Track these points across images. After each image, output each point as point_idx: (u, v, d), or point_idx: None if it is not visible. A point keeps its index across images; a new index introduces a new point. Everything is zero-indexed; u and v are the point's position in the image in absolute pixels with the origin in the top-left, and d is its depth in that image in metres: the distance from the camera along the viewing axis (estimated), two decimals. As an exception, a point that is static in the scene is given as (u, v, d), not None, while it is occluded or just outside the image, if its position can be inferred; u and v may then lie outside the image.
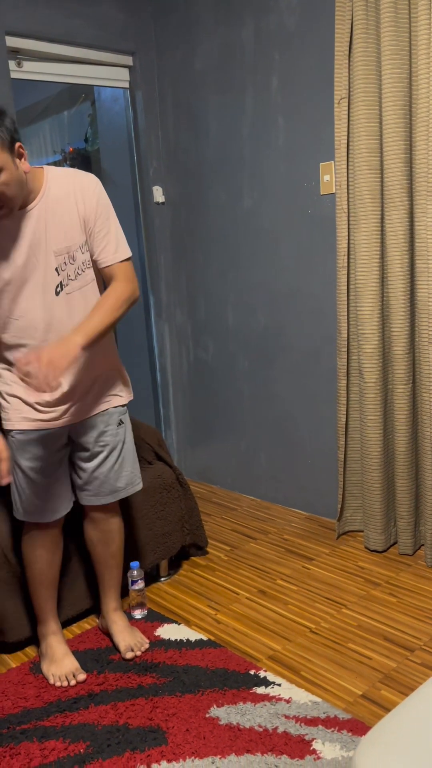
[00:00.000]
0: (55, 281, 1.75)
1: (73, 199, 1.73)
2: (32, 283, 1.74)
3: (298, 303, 2.87)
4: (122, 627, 2.09)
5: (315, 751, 1.62)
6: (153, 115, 3.28)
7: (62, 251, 1.74)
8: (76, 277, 1.78)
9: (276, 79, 2.74)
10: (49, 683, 1.93)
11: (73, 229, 1.74)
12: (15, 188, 1.61)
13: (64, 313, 1.78)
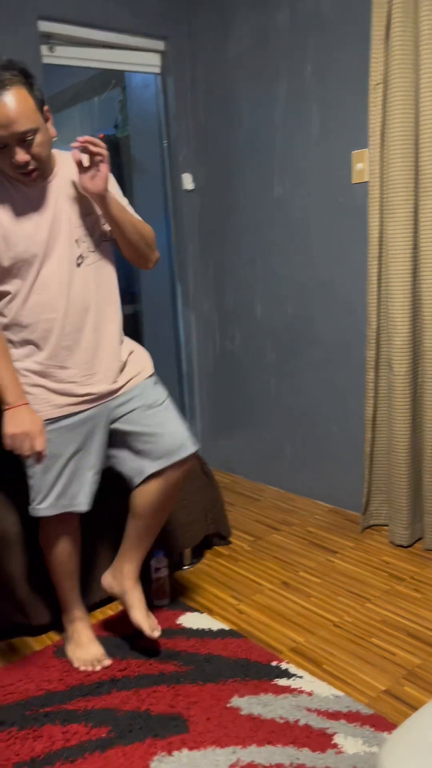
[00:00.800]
0: (75, 253, 1.76)
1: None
2: (55, 255, 1.74)
3: (328, 293, 2.83)
4: (142, 604, 1.96)
5: (337, 745, 1.61)
6: (184, 101, 3.25)
7: (82, 223, 1.77)
8: (95, 249, 1.80)
9: (310, 65, 2.69)
10: (74, 667, 1.95)
11: (90, 202, 1.78)
12: (47, 150, 1.66)
13: (84, 285, 1.78)
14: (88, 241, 1.79)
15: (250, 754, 1.60)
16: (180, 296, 3.48)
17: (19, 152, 1.59)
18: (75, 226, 1.76)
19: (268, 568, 2.50)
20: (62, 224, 1.74)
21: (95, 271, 1.82)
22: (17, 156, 1.59)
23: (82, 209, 1.77)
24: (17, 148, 1.59)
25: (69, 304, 1.77)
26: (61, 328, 1.77)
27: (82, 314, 1.80)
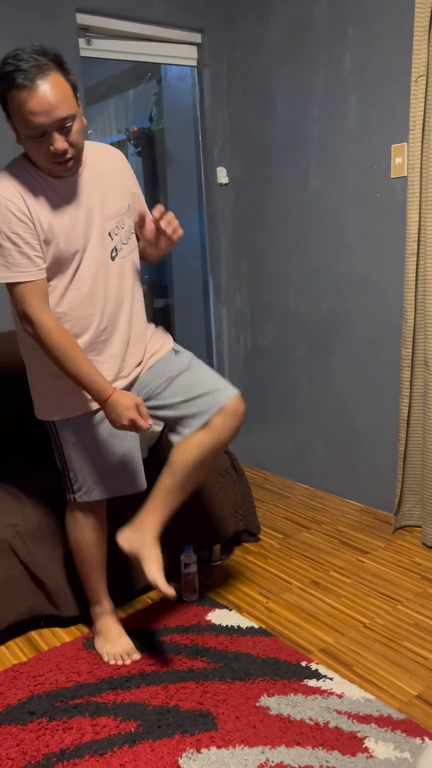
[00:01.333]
0: (110, 246, 1.76)
1: (116, 167, 1.81)
2: (91, 250, 1.73)
3: (363, 290, 2.79)
4: (159, 561, 1.83)
5: (367, 749, 1.59)
6: (220, 93, 3.22)
7: (114, 215, 1.76)
8: (127, 242, 1.80)
9: (349, 56, 2.64)
10: (103, 661, 1.95)
11: (120, 194, 1.79)
12: (82, 138, 1.64)
13: (119, 278, 1.79)
14: (120, 233, 1.78)
15: (279, 754, 1.58)
16: (212, 290, 3.47)
17: (59, 139, 1.57)
18: (107, 218, 1.75)
19: (297, 566, 2.48)
20: (95, 217, 1.73)
21: (130, 263, 1.82)
22: (57, 143, 1.56)
23: (112, 202, 1.76)
24: (56, 134, 1.56)
25: (106, 299, 1.77)
26: (98, 323, 1.77)
27: (118, 307, 1.80)
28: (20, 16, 2.57)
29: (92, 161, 1.76)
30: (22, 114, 1.53)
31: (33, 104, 1.51)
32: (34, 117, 1.52)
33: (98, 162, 1.77)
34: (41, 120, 1.53)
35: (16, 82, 1.50)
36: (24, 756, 1.61)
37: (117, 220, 1.77)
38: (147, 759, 1.59)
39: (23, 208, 1.62)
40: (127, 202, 1.81)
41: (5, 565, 1.99)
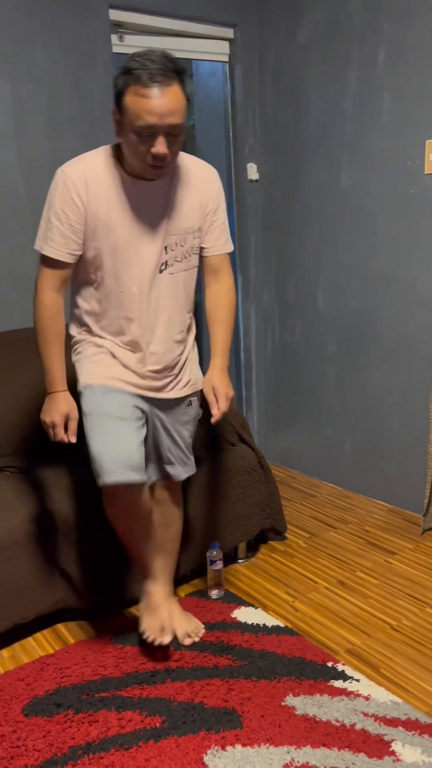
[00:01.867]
0: (161, 259, 1.75)
1: (198, 186, 1.79)
2: (142, 255, 1.73)
3: (394, 287, 2.75)
4: (177, 613, 2.03)
5: (394, 752, 1.57)
6: (251, 89, 3.20)
7: (178, 231, 1.76)
8: (182, 260, 1.79)
9: (383, 52, 2.60)
10: (144, 637, 1.90)
11: (192, 214, 1.78)
12: (179, 151, 1.67)
13: (167, 292, 1.78)
14: (177, 250, 1.77)
15: (305, 755, 1.57)
16: (240, 287, 3.45)
17: (162, 144, 1.58)
18: (170, 233, 1.75)
19: (323, 566, 2.47)
20: (157, 227, 1.73)
21: (182, 281, 1.81)
22: (159, 147, 1.57)
23: (181, 219, 1.76)
24: (162, 138, 1.57)
25: (146, 307, 1.77)
26: (136, 328, 1.78)
27: (155, 319, 1.79)
28: (54, 12, 2.58)
29: (181, 173, 1.76)
30: (137, 110, 1.55)
31: (151, 104, 1.53)
32: (149, 116, 1.54)
33: (186, 175, 1.77)
34: (154, 121, 1.55)
35: (141, 79, 1.53)
36: (50, 747, 1.63)
37: (179, 238, 1.76)
38: (172, 754, 1.59)
39: (82, 194, 1.65)
40: (199, 224, 1.79)
41: (33, 559, 2.01)
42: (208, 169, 1.84)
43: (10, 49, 2.52)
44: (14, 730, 1.69)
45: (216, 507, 2.37)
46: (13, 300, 2.66)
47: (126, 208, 1.70)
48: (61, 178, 1.67)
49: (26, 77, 2.57)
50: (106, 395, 1.77)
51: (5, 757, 1.60)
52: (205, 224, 1.83)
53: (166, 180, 1.73)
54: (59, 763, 1.58)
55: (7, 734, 1.68)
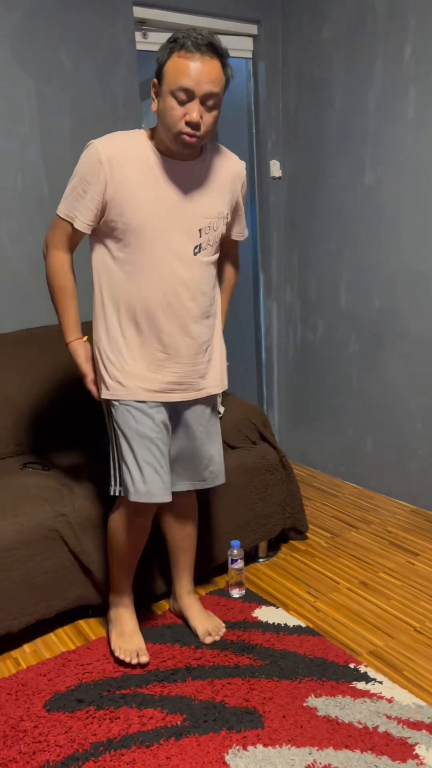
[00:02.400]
0: (195, 241, 1.76)
1: (233, 176, 1.82)
2: (174, 236, 1.72)
3: (418, 286, 2.72)
4: (198, 611, 2.06)
5: (418, 756, 1.55)
6: (274, 86, 3.19)
7: (210, 215, 1.77)
8: (213, 244, 1.80)
9: (409, 47, 2.57)
10: (114, 655, 1.93)
11: (223, 201, 1.80)
12: (213, 130, 1.67)
13: (197, 275, 1.78)
14: (210, 234, 1.78)
15: (327, 756, 1.56)
16: (262, 285, 3.44)
17: (197, 110, 1.59)
18: (204, 216, 1.75)
19: (345, 566, 2.45)
20: (189, 209, 1.73)
21: (210, 265, 1.82)
22: (194, 113, 1.58)
23: (213, 203, 1.77)
24: (198, 104, 1.59)
25: (186, 288, 1.76)
26: (160, 308, 1.75)
27: (189, 301, 1.78)
28: (78, 11, 2.59)
29: (213, 159, 1.78)
30: (178, 71, 1.57)
31: (192, 66, 1.56)
32: (188, 78, 1.56)
33: (218, 162, 1.79)
34: (192, 83, 1.57)
35: (186, 45, 1.57)
36: (72, 744, 1.63)
37: (212, 221, 1.77)
38: (193, 753, 1.59)
39: (106, 168, 1.67)
40: (228, 210, 1.82)
41: (56, 555, 2.02)
42: (238, 160, 1.86)
43: (35, 49, 2.53)
44: (36, 726, 1.70)
45: (237, 506, 2.36)
46: (38, 299, 2.68)
47: (155, 186, 1.70)
48: (91, 151, 1.69)
49: (51, 76, 2.58)
50: (140, 414, 1.79)
51: (27, 753, 1.61)
52: (233, 213, 1.87)
53: (199, 162, 1.74)
54: (81, 759, 1.58)
55: (29, 729, 1.69)
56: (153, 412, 1.80)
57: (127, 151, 1.69)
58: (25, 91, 2.54)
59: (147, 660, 1.91)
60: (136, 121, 2.84)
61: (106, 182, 1.68)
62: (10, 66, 2.49)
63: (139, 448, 1.79)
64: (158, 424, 1.81)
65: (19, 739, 1.66)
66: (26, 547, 1.96)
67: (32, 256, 2.65)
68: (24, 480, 2.18)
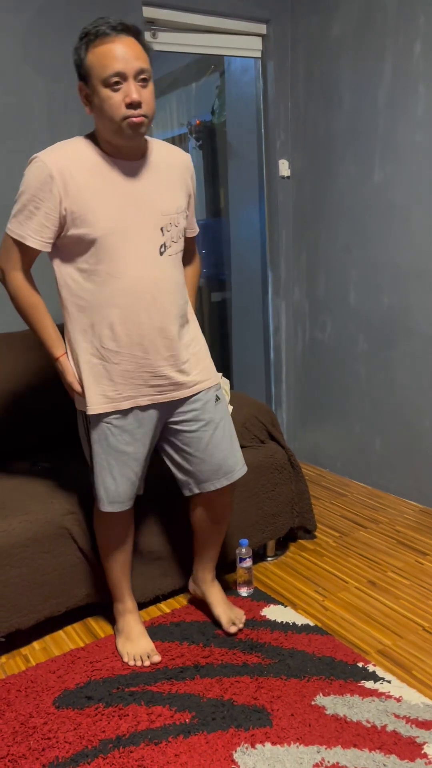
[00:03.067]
0: (159, 240, 1.73)
1: (182, 168, 1.81)
2: (136, 239, 1.69)
3: (427, 283, 2.71)
4: (221, 599, 2.09)
5: (427, 755, 1.55)
6: (283, 85, 3.18)
7: (170, 212, 1.75)
8: (177, 241, 1.79)
9: (419, 44, 2.56)
10: (123, 661, 1.93)
11: (180, 195, 1.79)
12: (154, 107, 1.65)
13: (166, 274, 1.75)
14: (172, 230, 1.76)
15: (335, 755, 1.56)
16: (271, 284, 3.44)
17: (135, 89, 1.57)
18: (163, 213, 1.73)
19: (354, 565, 2.44)
20: (148, 208, 1.71)
21: (176, 262, 1.80)
22: (133, 93, 1.57)
23: (171, 199, 1.75)
24: (133, 83, 1.57)
25: (157, 291, 1.73)
26: (136, 314, 1.72)
27: (163, 303, 1.74)
28: (88, 10, 2.60)
29: (158, 155, 1.76)
30: (103, 60, 1.56)
31: (115, 49, 1.56)
32: (115, 62, 1.56)
33: (164, 157, 1.78)
34: (121, 65, 1.56)
35: (100, 32, 1.57)
36: (81, 740, 1.64)
37: (172, 218, 1.75)
38: (202, 750, 1.59)
39: (58, 182, 1.62)
40: (185, 203, 1.80)
41: (65, 552, 2.03)
42: (183, 152, 1.85)
43: (45, 48, 2.54)
44: (45, 722, 1.71)
45: (245, 504, 2.36)
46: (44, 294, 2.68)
47: (112, 190, 1.66)
48: (37, 165, 1.63)
49: (61, 75, 2.59)
50: (117, 431, 1.79)
51: (37, 749, 1.62)
52: (187, 207, 1.83)
53: (146, 160, 1.72)
54: (90, 755, 1.59)
55: (38, 726, 1.70)
56: (133, 425, 1.80)
57: (75, 160, 1.65)
58: (35, 90, 2.55)
59: (159, 659, 1.92)
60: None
61: (60, 196, 1.63)
62: (21, 65, 2.50)
63: (118, 463, 1.83)
64: (136, 438, 1.82)
65: (28, 735, 1.67)
66: (36, 544, 1.97)
67: (42, 256, 2.66)
68: (33, 479, 2.19)
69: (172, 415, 1.87)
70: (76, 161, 1.65)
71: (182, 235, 1.81)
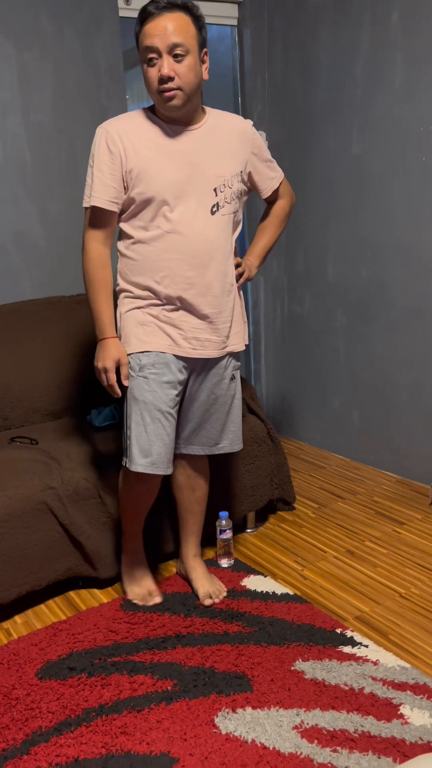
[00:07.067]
0: (212, 201, 1.79)
1: (237, 134, 1.85)
2: (191, 198, 1.76)
3: (405, 257, 2.72)
4: (201, 573, 2.13)
5: (402, 715, 1.59)
6: (260, 55, 3.14)
7: (223, 174, 1.79)
8: (231, 202, 1.83)
9: (397, 13, 2.54)
10: (127, 597, 2.06)
11: (237, 158, 1.83)
12: (194, 80, 1.69)
13: (217, 233, 1.80)
14: (225, 191, 1.81)
15: (314, 717, 1.60)
16: (249, 258, 3.42)
17: (166, 64, 1.64)
18: (217, 175, 1.78)
19: (332, 535, 2.48)
20: (201, 171, 1.76)
21: (229, 223, 1.84)
22: (164, 68, 1.64)
23: (223, 162, 1.80)
24: (166, 58, 1.64)
25: (201, 247, 1.78)
26: (185, 272, 1.78)
27: (210, 260, 1.80)
28: (59, -26, 2.52)
29: (217, 121, 1.82)
30: (144, 38, 1.65)
31: (152, 27, 1.64)
32: (149, 38, 1.64)
33: (220, 124, 1.83)
34: (155, 42, 1.63)
35: (147, 11, 1.65)
36: (64, 710, 1.66)
37: (225, 179, 1.80)
38: (183, 716, 1.62)
39: (118, 142, 1.72)
40: (240, 168, 1.84)
41: (45, 527, 2.03)
42: (242, 119, 1.90)
43: (16, 15, 2.47)
44: (28, 693, 1.72)
45: (225, 477, 2.38)
46: (22, 270, 2.65)
47: (168, 153, 1.74)
48: (100, 132, 1.75)
49: (32, 43, 2.52)
50: (156, 384, 1.83)
51: (20, 719, 1.64)
52: (246, 169, 1.88)
53: (203, 125, 1.79)
54: (73, 724, 1.61)
55: (21, 697, 1.71)
56: (170, 376, 1.84)
57: (134, 126, 1.75)
58: (5, 57, 2.49)
59: (160, 600, 2.05)
60: (120, 90, 2.79)
61: (120, 156, 1.72)
62: (-10, 32, 2.43)
63: (152, 420, 1.85)
64: (172, 396, 1.86)
65: (11, 706, 1.68)
66: (15, 519, 1.97)
67: (15, 228, 2.61)
68: (12, 454, 2.18)
69: (199, 373, 1.91)
70: (134, 127, 1.75)
71: (237, 196, 1.85)
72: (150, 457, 1.86)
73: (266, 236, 2.04)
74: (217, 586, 2.11)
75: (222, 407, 1.98)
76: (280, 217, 2.05)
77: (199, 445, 2.02)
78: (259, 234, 2.05)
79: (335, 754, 1.49)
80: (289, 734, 1.55)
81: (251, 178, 1.92)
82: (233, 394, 2.00)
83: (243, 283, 1.94)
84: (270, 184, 1.97)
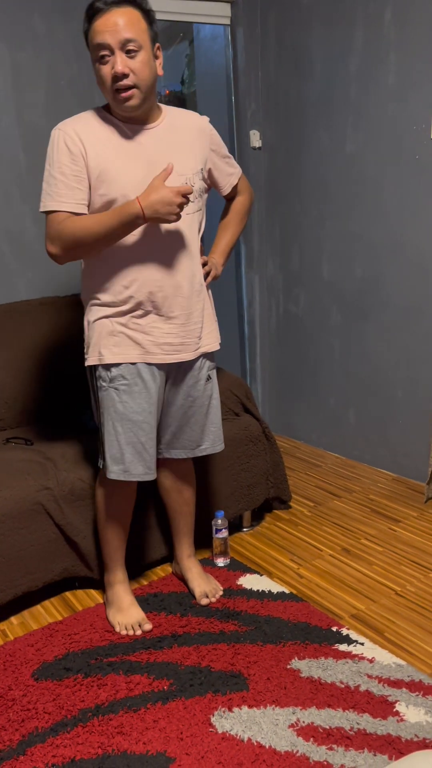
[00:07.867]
0: None
1: (195, 131, 1.82)
2: None
3: (400, 256, 2.72)
4: (197, 573, 2.13)
5: (398, 713, 1.60)
6: (254, 53, 3.14)
7: (185, 172, 1.76)
8: (194, 200, 1.80)
9: (390, 11, 2.54)
10: (115, 631, 1.95)
11: (196, 156, 1.80)
12: (149, 77, 1.66)
13: (183, 232, 1.78)
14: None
15: (310, 715, 1.60)
16: (244, 257, 3.42)
17: (120, 61, 1.60)
18: (178, 174, 1.75)
19: (328, 533, 2.48)
20: (159, 171, 1.71)
21: (193, 222, 1.82)
22: (117, 65, 1.60)
23: (187, 159, 1.77)
24: (119, 55, 1.60)
25: (165, 248, 1.76)
26: (156, 272, 1.75)
27: (178, 260, 1.78)
28: (51, -26, 2.52)
29: (174, 119, 1.79)
30: (92, 34, 1.61)
31: (101, 23, 1.59)
32: (100, 35, 1.60)
33: (177, 121, 1.80)
34: (106, 38, 1.59)
35: (95, 7, 1.61)
36: (60, 710, 1.66)
37: (187, 177, 1.77)
38: (180, 716, 1.62)
39: (78, 143, 1.67)
40: (200, 165, 1.82)
41: (41, 528, 2.03)
42: (199, 116, 1.88)
43: (9, 15, 2.46)
44: (25, 694, 1.72)
45: (221, 476, 2.38)
46: (16, 269, 2.65)
47: (128, 153, 1.71)
48: (57, 134, 1.70)
49: (25, 43, 2.52)
50: (127, 395, 1.81)
51: (16, 720, 1.64)
52: (206, 166, 1.85)
53: (161, 123, 1.76)
54: (69, 725, 1.61)
55: (17, 698, 1.71)
56: (141, 385, 1.81)
57: (90, 126, 1.71)
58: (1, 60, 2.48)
59: (150, 628, 1.96)
60: (113, 90, 2.78)
61: (82, 154, 1.68)
62: (-18, 32, 2.43)
63: (124, 429, 1.83)
64: (144, 406, 1.83)
65: (7, 707, 1.68)
66: (11, 520, 1.97)
67: (8, 229, 2.61)
68: (7, 455, 2.18)
69: (171, 377, 1.89)
70: (91, 126, 1.70)
71: (199, 194, 1.83)
72: (122, 465, 1.85)
73: (228, 233, 2.01)
74: (214, 586, 2.11)
75: (200, 409, 1.96)
76: (240, 214, 2.02)
77: (181, 449, 2.00)
78: (220, 232, 2.02)
79: (331, 752, 1.50)
80: (285, 732, 1.56)
81: (211, 175, 1.90)
82: (210, 395, 1.98)
83: (210, 282, 1.92)
84: (229, 180, 1.95)
